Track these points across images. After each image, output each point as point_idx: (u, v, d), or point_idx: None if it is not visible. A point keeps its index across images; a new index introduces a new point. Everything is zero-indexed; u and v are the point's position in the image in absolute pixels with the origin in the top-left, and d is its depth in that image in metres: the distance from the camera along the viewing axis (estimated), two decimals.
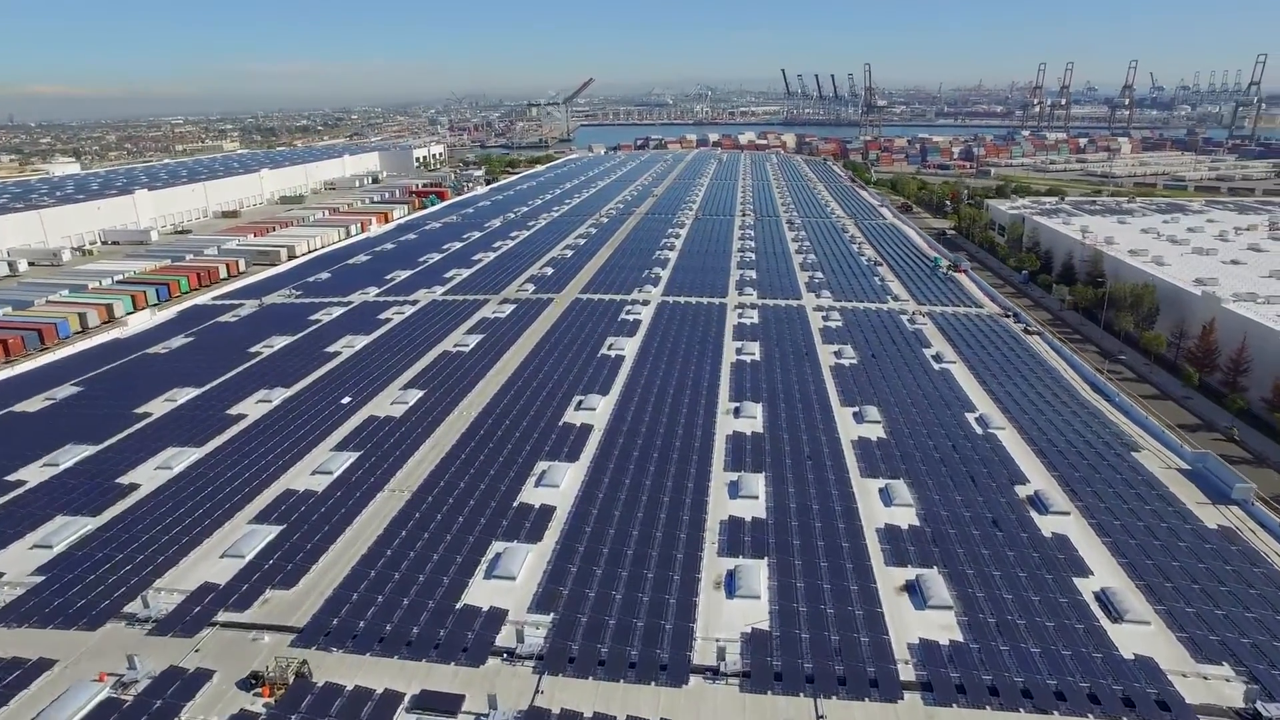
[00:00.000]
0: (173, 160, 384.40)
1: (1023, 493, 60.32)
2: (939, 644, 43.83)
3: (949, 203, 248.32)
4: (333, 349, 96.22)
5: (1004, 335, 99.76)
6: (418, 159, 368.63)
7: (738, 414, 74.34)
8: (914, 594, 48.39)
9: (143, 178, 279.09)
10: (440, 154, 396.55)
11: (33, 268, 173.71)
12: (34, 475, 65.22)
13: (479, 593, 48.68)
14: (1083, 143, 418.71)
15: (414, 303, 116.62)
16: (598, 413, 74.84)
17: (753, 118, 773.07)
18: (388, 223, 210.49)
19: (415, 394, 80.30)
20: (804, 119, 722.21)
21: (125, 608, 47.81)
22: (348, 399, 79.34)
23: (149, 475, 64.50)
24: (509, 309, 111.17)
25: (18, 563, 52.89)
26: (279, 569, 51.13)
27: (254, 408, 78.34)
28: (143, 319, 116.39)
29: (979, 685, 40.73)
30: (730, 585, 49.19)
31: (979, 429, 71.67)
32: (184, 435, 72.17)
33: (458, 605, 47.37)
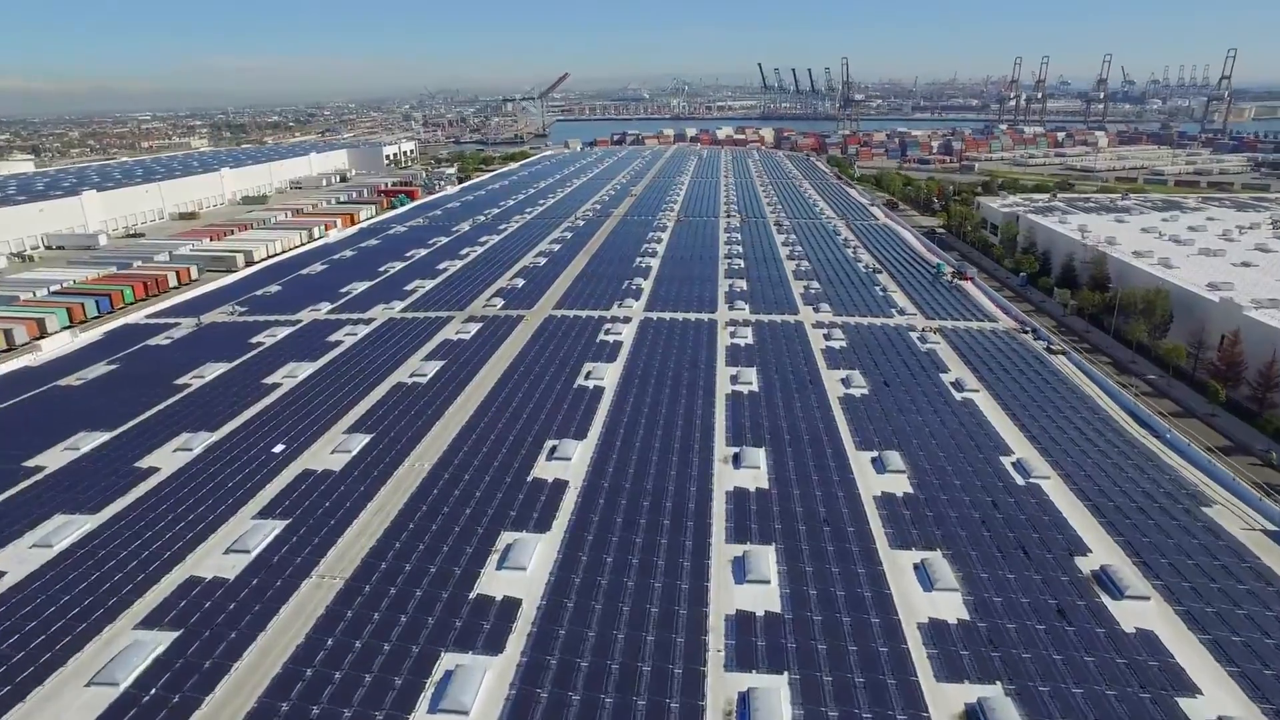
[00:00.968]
0: (130, 159, 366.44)
1: (1085, 566, 50.04)
2: None
3: (936, 200, 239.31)
4: (272, 379, 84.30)
5: (1026, 356, 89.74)
6: (388, 156, 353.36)
7: (738, 463, 63.51)
8: None
9: (94, 177, 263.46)
10: (411, 151, 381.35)
11: None
12: None
13: None
14: (1060, 136, 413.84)
15: (369, 321, 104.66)
16: (573, 464, 63.59)
17: (730, 112, 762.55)
18: (353, 225, 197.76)
19: (361, 439, 68.67)
20: (781, 113, 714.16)
21: None
22: (280, 447, 67.61)
23: (19, 558, 52.22)
24: (474, 328, 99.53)
25: None
26: (162, 703, 39.56)
27: (169, 459, 66.35)
28: (61, 342, 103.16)
29: None
30: (743, 718, 38.44)
31: (1019, 478, 61.35)
32: (77, 498, 60.01)
33: None
